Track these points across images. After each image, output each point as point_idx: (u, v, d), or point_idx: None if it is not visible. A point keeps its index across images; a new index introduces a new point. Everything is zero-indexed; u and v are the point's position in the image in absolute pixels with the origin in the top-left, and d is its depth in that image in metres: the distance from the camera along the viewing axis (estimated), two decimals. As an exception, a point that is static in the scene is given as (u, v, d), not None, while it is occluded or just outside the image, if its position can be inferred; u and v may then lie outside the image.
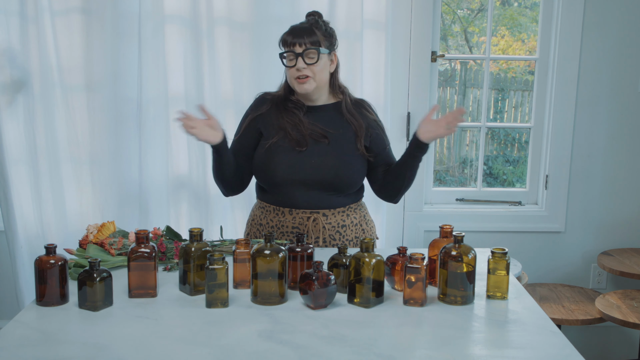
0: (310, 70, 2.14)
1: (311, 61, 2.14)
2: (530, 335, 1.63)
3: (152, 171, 3.02)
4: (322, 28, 2.18)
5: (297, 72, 2.14)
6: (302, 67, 2.13)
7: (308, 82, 2.15)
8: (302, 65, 2.13)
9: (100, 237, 2.07)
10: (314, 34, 2.14)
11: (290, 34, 2.15)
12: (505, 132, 3.77)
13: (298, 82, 2.16)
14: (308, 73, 2.14)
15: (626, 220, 3.33)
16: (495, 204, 3.36)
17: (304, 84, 2.15)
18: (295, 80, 2.16)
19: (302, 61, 2.13)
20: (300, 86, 2.16)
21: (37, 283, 1.75)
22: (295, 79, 2.16)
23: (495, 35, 3.56)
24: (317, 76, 2.16)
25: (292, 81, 2.18)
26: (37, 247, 3.02)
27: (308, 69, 2.14)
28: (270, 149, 2.20)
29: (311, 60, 2.14)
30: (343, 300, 1.79)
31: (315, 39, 2.13)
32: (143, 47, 2.90)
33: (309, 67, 2.13)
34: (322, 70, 2.16)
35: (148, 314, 1.71)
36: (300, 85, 2.16)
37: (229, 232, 3.06)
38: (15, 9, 2.87)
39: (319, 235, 2.23)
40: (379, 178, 2.30)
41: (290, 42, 2.14)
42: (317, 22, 2.18)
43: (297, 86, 2.17)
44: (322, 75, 2.17)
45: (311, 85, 2.16)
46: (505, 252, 1.83)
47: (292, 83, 2.19)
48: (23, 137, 2.97)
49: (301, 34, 2.13)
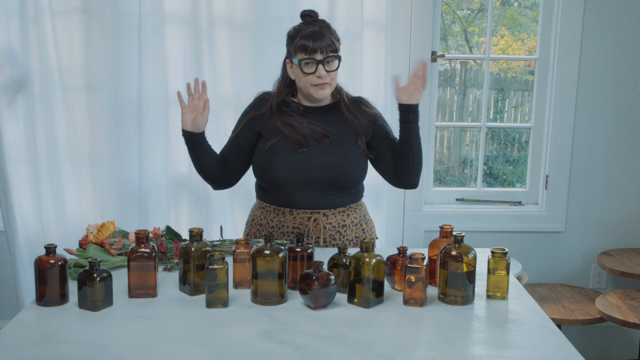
0: (329, 77, 2.14)
1: (331, 68, 2.13)
2: (530, 335, 1.63)
3: (152, 171, 3.02)
4: (333, 32, 2.18)
5: (317, 79, 2.13)
6: (323, 75, 2.12)
7: (326, 88, 2.15)
8: (324, 73, 2.12)
9: (100, 237, 2.07)
10: (330, 39, 2.13)
11: (309, 39, 2.11)
12: (505, 132, 3.77)
13: (317, 89, 2.15)
14: (327, 80, 2.14)
15: (626, 220, 3.33)
16: (495, 204, 3.36)
17: (323, 90, 2.15)
18: (313, 87, 2.15)
19: (322, 69, 2.11)
20: (320, 92, 2.15)
21: (37, 283, 1.75)
22: (314, 85, 2.14)
23: (495, 35, 3.56)
24: (334, 81, 2.17)
25: (308, 87, 2.16)
26: (37, 247, 3.03)
27: (328, 75, 2.13)
28: (271, 150, 2.20)
29: (332, 67, 2.13)
30: (343, 300, 1.79)
31: (334, 46, 2.13)
32: (143, 47, 2.90)
33: (329, 73, 2.13)
34: (337, 75, 2.18)
35: (148, 314, 1.71)
36: (319, 91, 2.15)
37: (229, 232, 3.06)
38: (15, 9, 2.87)
39: (319, 235, 2.22)
40: (390, 165, 2.26)
41: (312, 49, 2.10)
42: (329, 26, 2.18)
43: (316, 92, 2.15)
44: (336, 79, 2.19)
45: (328, 91, 2.17)
46: (505, 252, 1.83)
47: (307, 89, 2.17)
48: (23, 137, 2.97)
49: (322, 39, 2.11)
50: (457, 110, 3.75)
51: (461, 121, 3.74)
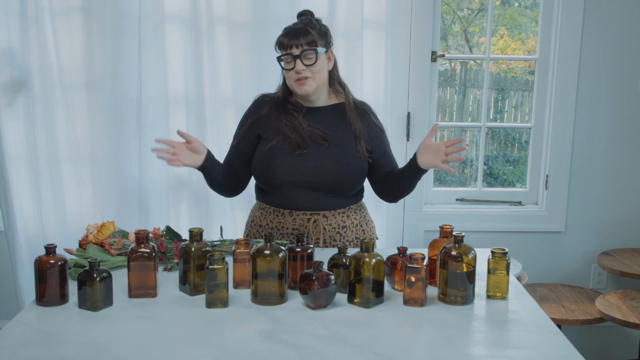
0: (309, 71, 2.13)
1: (310, 62, 2.12)
2: (530, 335, 1.63)
3: (152, 171, 3.02)
4: (317, 27, 2.16)
5: (296, 74, 2.13)
6: (302, 69, 2.12)
7: (308, 83, 2.14)
8: (301, 67, 2.12)
9: (100, 237, 2.07)
10: (309, 34, 2.12)
11: (286, 36, 2.13)
12: (505, 132, 3.77)
13: (298, 84, 2.14)
14: (307, 74, 2.13)
15: (626, 220, 3.33)
16: (495, 204, 3.36)
17: (304, 86, 2.14)
18: (295, 83, 2.15)
19: (300, 63, 2.11)
20: (301, 88, 2.15)
21: (37, 283, 1.75)
22: (295, 81, 2.14)
23: (495, 35, 3.56)
24: (317, 76, 2.15)
25: (291, 84, 2.17)
26: (37, 247, 3.02)
27: (307, 70, 2.12)
28: (270, 152, 2.20)
29: (310, 62, 2.12)
30: (343, 300, 1.79)
31: (312, 38, 2.12)
32: (143, 47, 2.90)
33: (308, 68, 2.12)
34: (320, 70, 2.15)
35: (148, 314, 1.71)
36: (300, 87, 2.14)
37: (229, 232, 3.06)
38: (15, 9, 2.87)
39: (319, 236, 2.22)
40: (379, 181, 2.30)
41: (287, 45, 2.12)
42: (311, 21, 2.16)
43: (298, 88, 2.15)
44: (321, 74, 2.16)
45: (311, 86, 2.15)
46: (505, 252, 1.83)
47: (291, 85, 2.17)
48: (23, 137, 2.97)
49: (297, 35, 2.11)
50: (457, 110, 3.75)
51: (461, 121, 3.74)
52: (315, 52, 2.12)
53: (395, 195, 2.31)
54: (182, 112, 3.01)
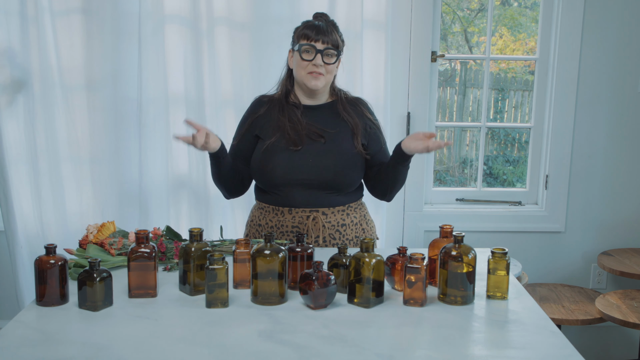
0: (325, 69, 2.18)
1: (329, 61, 2.18)
2: (530, 335, 1.63)
3: (152, 171, 3.02)
4: (339, 33, 2.23)
5: (313, 67, 2.17)
6: (320, 64, 2.16)
7: (320, 79, 2.19)
8: (320, 62, 2.17)
9: (100, 237, 2.07)
10: (335, 35, 2.19)
11: (313, 29, 2.18)
12: (505, 132, 3.77)
13: (311, 77, 2.18)
14: (322, 71, 2.18)
15: (626, 220, 3.33)
16: (495, 204, 3.36)
17: (316, 80, 2.18)
18: (307, 75, 2.19)
19: (320, 58, 2.16)
20: (313, 82, 2.19)
21: (37, 283, 1.75)
22: (309, 73, 2.18)
23: (495, 35, 3.56)
24: (329, 76, 2.21)
25: (303, 75, 2.20)
26: (37, 247, 3.03)
27: (324, 67, 2.18)
28: (268, 150, 2.21)
29: (329, 60, 2.18)
30: (343, 300, 1.79)
31: (336, 41, 2.19)
32: (143, 47, 2.90)
33: (325, 65, 2.18)
34: (332, 71, 2.22)
35: (148, 314, 1.71)
36: (313, 80, 2.18)
37: (229, 232, 3.06)
38: (15, 9, 2.87)
39: (318, 234, 2.23)
40: (371, 177, 2.31)
41: (314, 38, 2.16)
42: (336, 26, 2.24)
43: (309, 81, 2.19)
44: (331, 75, 2.23)
45: (322, 83, 2.20)
46: (505, 252, 1.83)
47: (302, 77, 2.20)
48: (23, 137, 2.97)
49: (325, 32, 2.17)
50: (457, 110, 3.75)
51: (461, 121, 3.74)
52: (337, 53, 2.20)
53: (386, 190, 2.29)
54: (182, 112, 3.02)
